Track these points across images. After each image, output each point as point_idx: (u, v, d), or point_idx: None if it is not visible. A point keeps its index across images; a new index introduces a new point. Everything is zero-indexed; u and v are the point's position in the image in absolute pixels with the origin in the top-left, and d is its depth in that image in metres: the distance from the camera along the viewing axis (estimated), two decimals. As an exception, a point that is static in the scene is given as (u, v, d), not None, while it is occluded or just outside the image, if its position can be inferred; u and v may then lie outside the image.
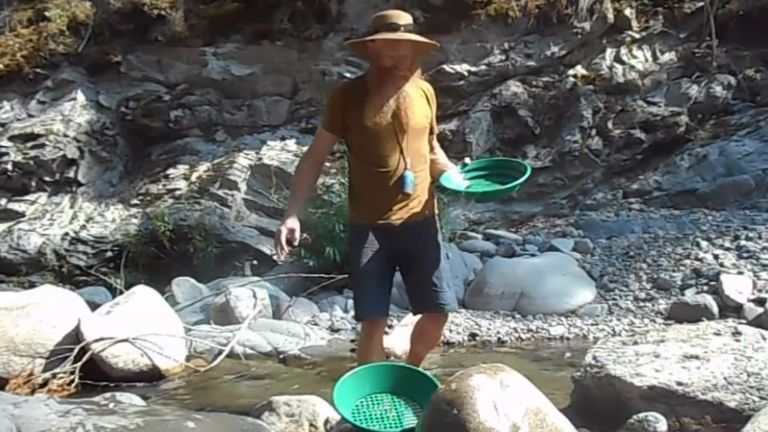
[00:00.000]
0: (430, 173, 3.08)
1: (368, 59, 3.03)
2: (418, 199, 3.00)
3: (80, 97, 8.58)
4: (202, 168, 8.19)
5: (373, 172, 2.97)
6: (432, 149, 3.14)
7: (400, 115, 2.93)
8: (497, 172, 3.08)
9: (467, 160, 3.15)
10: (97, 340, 4.07)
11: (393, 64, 2.89)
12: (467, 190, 3.01)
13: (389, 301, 3.10)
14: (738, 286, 5.02)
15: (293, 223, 2.98)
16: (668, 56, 8.13)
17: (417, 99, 3.00)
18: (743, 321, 4.39)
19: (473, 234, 7.14)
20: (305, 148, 8.65)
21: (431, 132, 3.11)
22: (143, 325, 4.29)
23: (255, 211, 7.79)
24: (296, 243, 2.99)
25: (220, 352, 4.46)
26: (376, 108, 2.92)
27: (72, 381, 3.90)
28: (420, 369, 2.89)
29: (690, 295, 5.12)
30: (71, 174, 8.26)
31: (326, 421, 2.87)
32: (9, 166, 8.09)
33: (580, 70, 8.03)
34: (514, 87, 7.91)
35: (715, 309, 4.84)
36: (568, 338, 4.90)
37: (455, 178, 3.05)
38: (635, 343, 3.18)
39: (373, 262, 2.97)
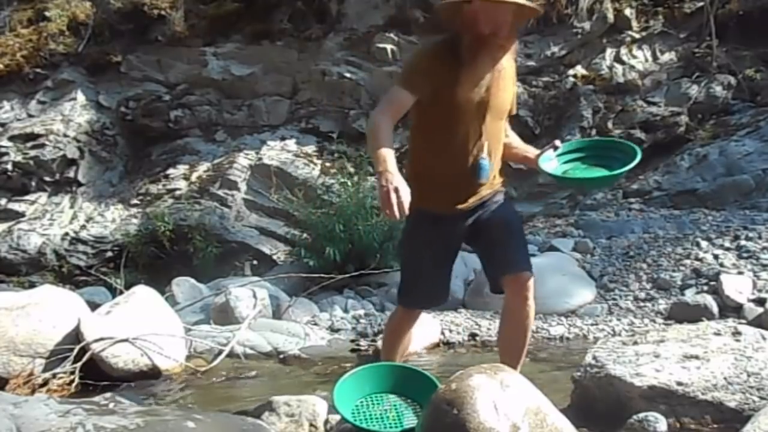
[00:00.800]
0: (507, 157, 2.83)
1: (457, 25, 2.60)
2: (489, 185, 2.73)
3: (80, 97, 8.58)
4: (202, 168, 8.19)
5: (447, 154, 2.63)
6: (506, 133, 2.86)
7: (491, 92, 2.59)
8: (594, 154, 2.69)
9: (557, 142, 2.75)
10: (97, 340, 4.07)
11: (491, 30, 2.49)
12: (567, 176, 2.65)
13: (441, 293, 2.88)
14: (738, 286, 5.02)
15: (397, 178, 2.37)
16: (668, 56, 8.13)
17: (509, 75, 2.68)
18: (743, 321, 4.39)
19: (473, 234, 7.13)
20: (305, 148, 8.77)
21: (509, 114, 2.81)
22: (143, 325, 4.28)
23: (255, 211, 7.79)
24: (407, 203, 2.35)
25: (220, 352, 4.46)
26: (470, 83, 2.55)
27: (72, 381, 3.90)
28: (420, 369, 2.89)
29: (690, 295, 5.12)
30: (71, 174, 8.26)
31: (326, 421, 2.87)
32: (9, 166, 8.10)
33: (580, 70, 8.03)
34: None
35: (715, 309, 4.84)
36: (568, 338, 4.90)
37: (551, 161, 2.69)
38: (635, 343, 3.17)
39: (433, 252, 2.73)
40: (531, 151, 2.85)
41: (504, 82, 2.64)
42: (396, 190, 2.33)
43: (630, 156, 2.57)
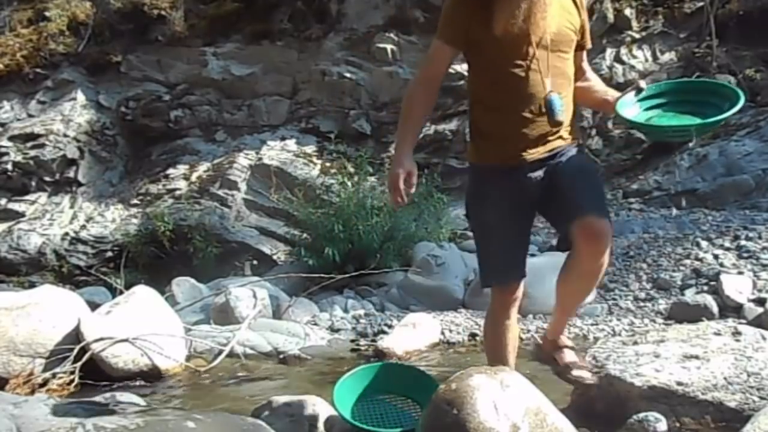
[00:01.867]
0: (583, 102, 2.55)
1: None
2: (558, 133, 2.42)
3: (80, 97, 8.59)
4: (202, 168, 8.20)
5: (502, 98, 2.38)
6: (582, 72, 2.54)
7: (535, 21, 2.32)
8: (684, 99, 2.30)
9: (642, 83, 2.36)
10: (97, 340, 4.06)
11: None
12: (650, 124, 2.28)
13: (520, 261, 2.55)
14: (738, 286, 5.01)
15: (410, 163, 2.33)
16: (668, 56, 8.13)
17: (562, 3, 2.40)
18: (743, 321, 4.38)
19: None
20: (305, 148, 8.78)
21: (581, 48, 2.50)
22: (143, 325, 4.28)
23: (255, 211, 7.79)
24: (413, 189, 2.33)
25: (220, 352, 4.46)
26: (505, 12, 2.31)
27: (72, 381, 3.89)
28: (420, 369, 2.89)
29: (690, 295, 5.11)
30: (71, 174, 8.27)
31: (326, 421, 2.86)
32: (9, 166, 8.11)
33: (580, 69, 8.04)
34: (514, 87, 7.91)
35: (715, 309, 4.83)
36: (567, 338, 4.89)
37: (631, 106, 2.33)
38: (635, 343, 3.17)
39: (502, 212, 2.44)
40: (611, 94, 2.48)
41: (553, 10, 2.34)
42: (395, 177, 2.29)
43: (731, 100, 2.17)
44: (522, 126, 2.37)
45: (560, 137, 2.42)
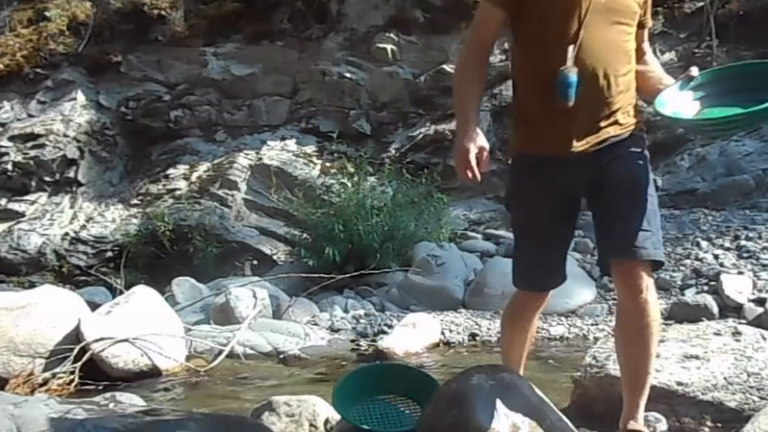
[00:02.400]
0: (642, 89, 2.20)
1: None
2: (616, 123, 2.12)
3: (80, 97, 8.59)
4: (202, 168, 8.20)
5: (544, 75, 2.06)
6: (642, 53, 2.24)
7: None
8: (739, 85, 1.98)
9: (694, 70, 2.05)
10: (97, 340, 4.07)
11: None
12: (698, 118, 1.97)
13: (558, 269, 2.32)
14: (738, 286, 5.01)
15: (481, 138, 2.03)
16: (668, 56, 8.13)
17: None
18: (743, 321, 4.39)
19: (473, 234, 7.13)
20: (305, 148, 8.78)
21: (642, 26, 2.20)
22: (143, 325, 4.28)
23: (255, 211, 7.79)
24: (486, 167, 2.03)
25: (220, 352, 4.46)
26: None
27: (72, 381, 3.89)
28: (420, 369, 2.89)
29: (690, 295, 5.11)
30: (71, 174, 8.27)
31: (326, 421, 2.86)
32: (9, 166, 8.11)
33: (580, 69, 8.04)
34: (514, 87, 7.91)
35: (715, 309, 4.83)
36: (568, 338, 4.89)
37: (676, 99, 2.02)
38: (635, 343, 3.17)
39: (542, 212, 2.18)
40: (665, 82, 2.16)
41: None
42: (465, 152, 1.99)
43: None
44: (568, 108, 2.04)
45: (615, 122, 2.11)
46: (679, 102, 2.00)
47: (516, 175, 2.27)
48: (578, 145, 2.09)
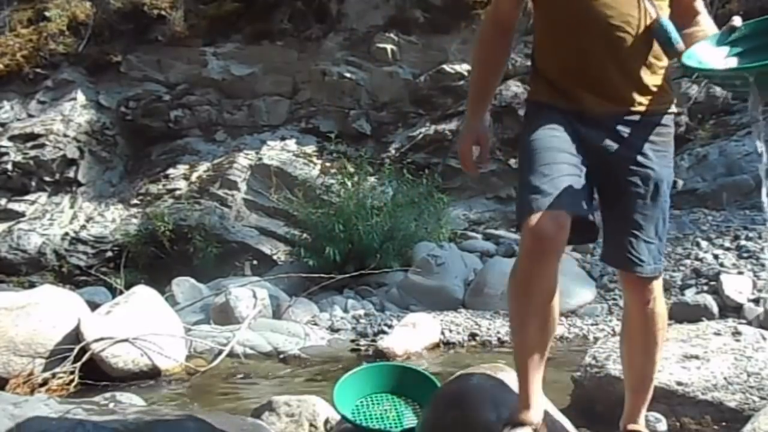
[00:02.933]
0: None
1: None
2: (648, 97, 1.93)
3: (80, 97, 8.59)
4: (202, 168, 8.20)
5: (572, 21, 1.89)
6: (694, 12, 2.10)
7: None
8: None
9: (737, 20, 1.86)
10: (97, 340, 4.07)
11: None
12: (729, 69, 1.72)
13: (583, 199, 1.87)
14: (738, 286, 5.02)
15: (482, 127, 2.01)
16: (668, 56, 8.13)
17: None
18: (743, 321, 4.39)
19: (473, 234, 7.13)
20: (305, 148, 8.78)
21: None
22: (143, 325, 4.28)
23: (255, 211, 7.80)
24: (487, 157, 2.04)
25: (220, 352, 4.46)
26: None
27: (72, 381, 3.89)
28: (420, 369, 2.89)
29: (690, 295, 5.12)
30: (71, 174, 8.27)
31: (326, 421, 2.86)
32: (9, 166, 8.11)
33: (580, 69, 8.04)
34: (514, 87, 7.91)
35: (715, 309, 4.83)
36: (568, 338, 4.89)
37: (707, 52, 1.77)
38: (635, 343, 3.17)
39: (556, 136, 1.89)
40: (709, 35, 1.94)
41: None
42: (465, 146, 2.00)
43: None
44: (582, 60, 1.87)
45: (638, 92, 1.90)
46: (712, 56, 1.75)
47: (527, 115, 2.07)
48: (596, 106, 1.90)
